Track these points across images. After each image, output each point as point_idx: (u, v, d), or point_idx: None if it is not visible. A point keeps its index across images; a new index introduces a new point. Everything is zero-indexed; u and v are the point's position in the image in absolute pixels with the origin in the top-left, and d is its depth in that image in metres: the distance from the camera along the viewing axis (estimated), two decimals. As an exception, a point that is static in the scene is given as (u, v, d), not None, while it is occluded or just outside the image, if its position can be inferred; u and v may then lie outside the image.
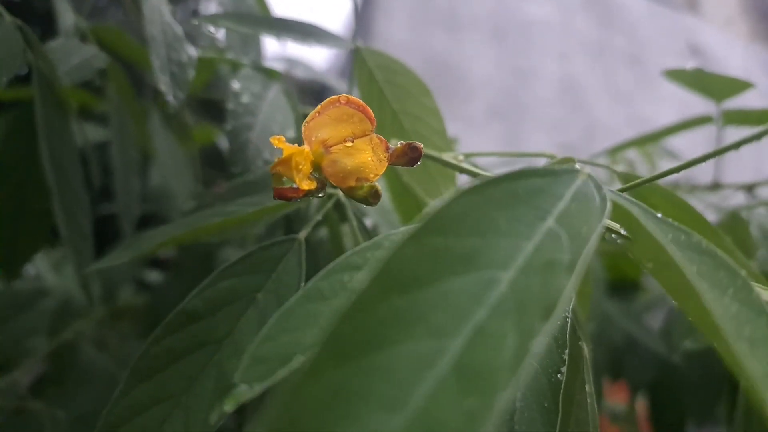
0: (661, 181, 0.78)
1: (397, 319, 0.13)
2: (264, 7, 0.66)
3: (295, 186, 0.23)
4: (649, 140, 0.68)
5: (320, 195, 0.25)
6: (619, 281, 0.76)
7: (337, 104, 0.25)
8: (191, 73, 0.46)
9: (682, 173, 0.82)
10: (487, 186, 0.17)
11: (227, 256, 0.61)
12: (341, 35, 0.47)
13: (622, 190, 0.26)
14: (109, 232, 0.63)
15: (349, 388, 0.12)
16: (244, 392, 0.18)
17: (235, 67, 0.53)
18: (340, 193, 0.40)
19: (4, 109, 0.52)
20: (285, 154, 0.23)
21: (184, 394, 0.28)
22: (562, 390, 0.27)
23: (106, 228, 0.56)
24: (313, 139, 0.24)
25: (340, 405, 0.11)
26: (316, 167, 0.25)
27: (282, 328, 0.19)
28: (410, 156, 0.25)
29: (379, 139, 0.25)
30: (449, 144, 0.43)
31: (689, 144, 0.68)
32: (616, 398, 0.96)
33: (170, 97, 0.43)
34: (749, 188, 0.62)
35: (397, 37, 3.12)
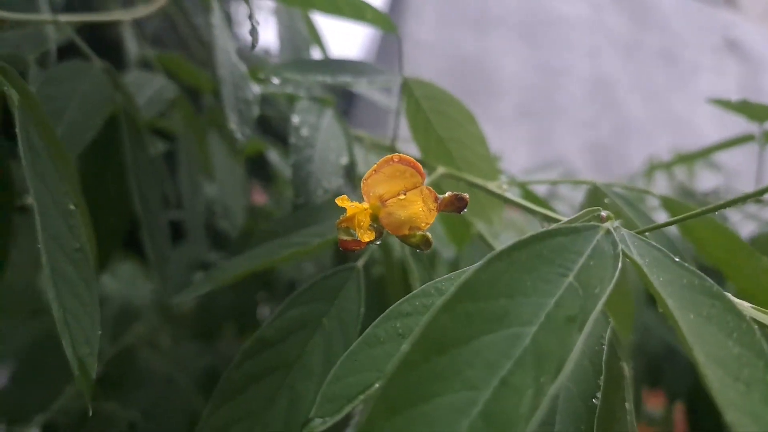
0: (703, 192, 0.77)
1: (437, 375, 0.16)
2: (314, 32, 0.70)
3: (357, 239, 0.27)
4: (691, 158, 0.68)
5: (377, 242, 0.28)
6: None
7: (391, 163, 0.28)
8: (256, 110, 0.50)
9: (725, 182, 0.82)
10: (514, 250, 0.19)
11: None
12: (390, 70, 0.50)
13: (654, 228, 0.28)
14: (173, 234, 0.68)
15: (400, 435, 0.15)
16: (319, 425, 0.22)
17: (293, 99, 0.57)
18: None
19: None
20: (348, 213, 0.27)
21: (263, 413, 0.32)
22: (601, 407, 0.30)
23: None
24: (371, 194, 0.28)
25: None
26: (374, 218, 0.28)
27: (347, 370, 0.23)
28: (457, 205, 0.28)
29: (428, 190, 0.28)
30: (495, 169, 0.46)
31: (729, 153, 0.67)
32: (654, 402, 0.96)
33: (239, 135, 0.47)
34: None
35: (426, 38, 3.11)
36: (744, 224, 0.73)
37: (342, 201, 0.27)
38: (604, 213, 0.24)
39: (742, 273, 0.37)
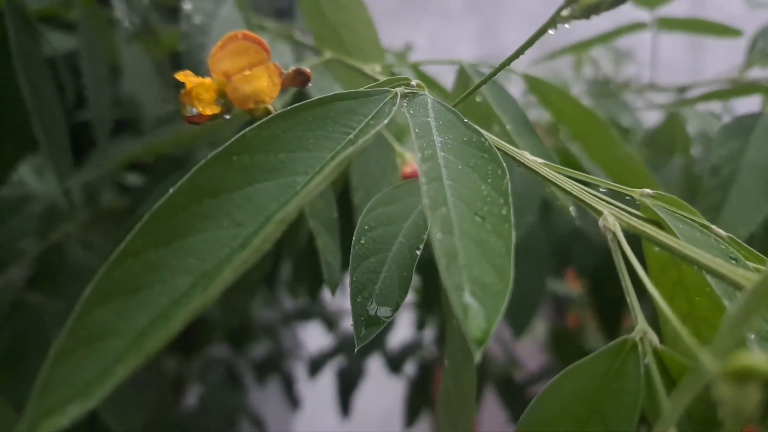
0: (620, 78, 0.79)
1: (207, 215, 0.19)
2: None
3: (199, 113, 0.29)
4: (580, 48, 0.70)
5: (227, 117, 0.30)
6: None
7: (235, 40, 0.29)
8: (145, -3, 0.50)
9: (638, 73, 0.84)
10: (301, 110, 0.22)
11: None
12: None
13: (473, 90, 0.30)
14: (86, 137, 0.67)
15: (163, 262, 0.18)
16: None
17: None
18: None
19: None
20: (187, 87, 0.29)
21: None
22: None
23: (83, 134, 0.61)
24: (217, 70, 0.29)
25: (153, 273, 0.17)
26: (222, 94, 0.30)
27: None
28: (299, 80, 0.30)
29: (274, 66, 0.30)
30: (381, 54, 0.47)
31: (667, 41, 0.69)
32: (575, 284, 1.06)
33: (127, 23, 0.47)
34: (681, 90, 0.65)
35: None
36: (648, 115, 0.77)
37: (184, 76, 0.29)
38: (414, 82, 0.26)
39: (594, 143, 0.41)
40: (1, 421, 0.56)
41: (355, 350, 0.26)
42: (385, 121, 0.22)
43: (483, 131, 0.24)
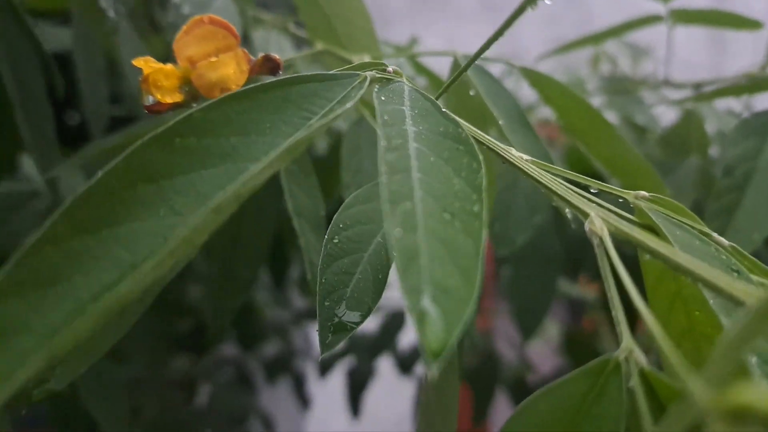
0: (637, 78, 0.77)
1: (142, 202, 0.17)
2: None
3: (159, 101, 0.27)
4: (590, 41, 0.68)
5: (194, 105, 0.29)
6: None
7: (201, 24, 0.28)
8: (131, -16, 0.48)
9: (658, 70, 0.82)
10: (259, 92, 0.20)
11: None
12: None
13: (451, 83, 0.28)
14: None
15: (87, 252, 0.16)
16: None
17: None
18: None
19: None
20: (144, 73, 0.27)
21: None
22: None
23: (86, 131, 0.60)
24: (181, 56, 0.28)
25: (75, 264, 0.16)
26: (187, 81, 0.28)
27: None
28: (268, 66, 0.28)
29: (243, 52, 0.28)
30: (376, 44, 0.45)
31: (686, 40, 0.66)
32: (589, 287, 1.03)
33: (111, 12, 0.45)
34: (697, 86, 0.62)
35: None
36: (663, 111, 0.74)
37: (143, 62, 0.27)
38: (391, 68, 0.24)
39: (597, 141, 0.38)
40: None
41: (320, 358, 0.24)
42: (348, 105, 0.20)
43: (461, 121, 0.22)
